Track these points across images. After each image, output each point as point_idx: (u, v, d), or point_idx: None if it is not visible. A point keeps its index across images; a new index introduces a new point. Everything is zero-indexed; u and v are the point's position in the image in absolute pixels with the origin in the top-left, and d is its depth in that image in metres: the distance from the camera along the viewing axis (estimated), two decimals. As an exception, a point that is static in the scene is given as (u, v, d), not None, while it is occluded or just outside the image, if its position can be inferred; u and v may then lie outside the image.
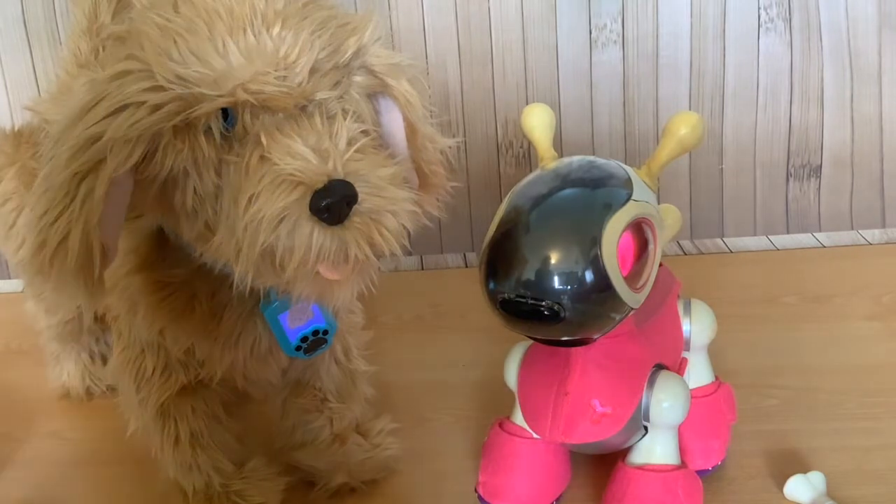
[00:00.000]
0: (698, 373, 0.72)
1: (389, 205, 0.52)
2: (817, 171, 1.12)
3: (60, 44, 1.05)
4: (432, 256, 1.12)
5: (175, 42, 0.50)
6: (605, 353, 0.63)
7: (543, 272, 0.55)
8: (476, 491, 0.69)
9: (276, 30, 0.51)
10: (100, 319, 0.81)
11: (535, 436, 0.66)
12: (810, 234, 1.11)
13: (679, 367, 0.69)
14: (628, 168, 0.61)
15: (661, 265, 0.68)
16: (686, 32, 1.08)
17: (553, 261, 0.56)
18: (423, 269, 1.09)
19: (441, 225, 1.12)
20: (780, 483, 0.68)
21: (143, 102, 0.50)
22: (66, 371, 0.86)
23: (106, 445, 0.78)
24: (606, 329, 0.59)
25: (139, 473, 0.72)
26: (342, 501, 0.72)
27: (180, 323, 0.61)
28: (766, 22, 1.08)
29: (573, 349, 0.63)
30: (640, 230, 0.59)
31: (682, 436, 0.68)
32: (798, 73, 1.09)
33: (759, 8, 1.07)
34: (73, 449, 0.80)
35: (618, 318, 0.58)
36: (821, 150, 1.11)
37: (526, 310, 0.56)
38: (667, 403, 0.63)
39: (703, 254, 1.09)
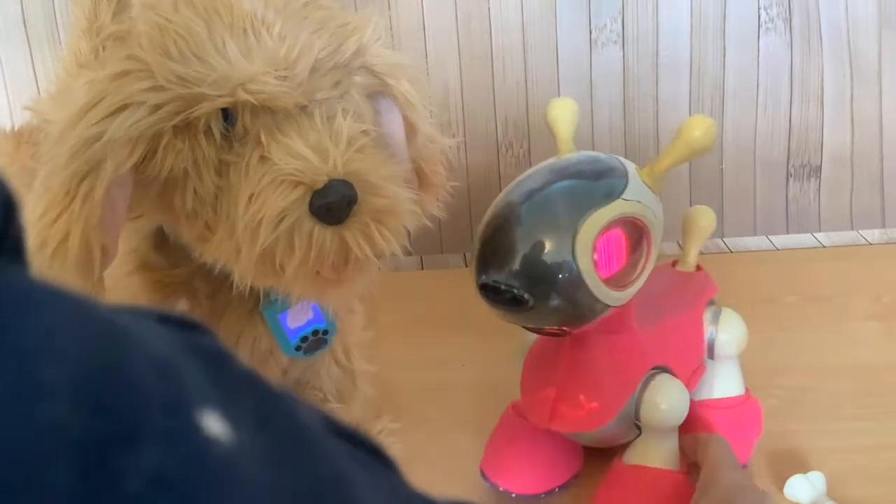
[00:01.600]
0: (725, 383, 0.70)
1: (390, 205, 0.52)
2: (817, 171, 1.12)
3: (60, 44, 1.05)
4: (432, 256, 1.12)
5: (175, 42, 0.50)
6: (599, 348, 0.63)
7: (516, 261, 0.56)
8: (480, 469, 0.69)
9: (276, 30, 0.51)
10: (100, 319, 0.81)
11: None
12: (810, 234, 1.11)
13: (692, 374, 0.68)
14: (631, 167, 0.61)
15: (699, 269, 0.68)
16: (686, 32, 1.08)
17: (526, 251, 0.56)
18: (423, 269, 1.09)
19: (441, 225, 1.12)
20: (780, 483, 0.68)
21: (143, 102, 0.50)
22: (66, 371, 0.86)
23: (106, 445, 0.78)
24: (583, 322, 0.59)
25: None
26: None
27: (180, 323, 0.61)
28: (766, 22, 1.08)
29: (566, 341, 0.63)
30: (634, 229, 0.59)
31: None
32: (798, 73, 1.09)
33: (759, 8, 1.07)
34: (73, 449, 0.80)
35: (593, 313, 0.58)
36: (821, 150, 1.11)
37: (500, 296, 0.57)
38: (660, 406, 0.63)
39: (703, 254, 1.08)
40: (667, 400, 0.63)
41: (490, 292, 0.57)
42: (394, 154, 0.58)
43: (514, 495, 0.68)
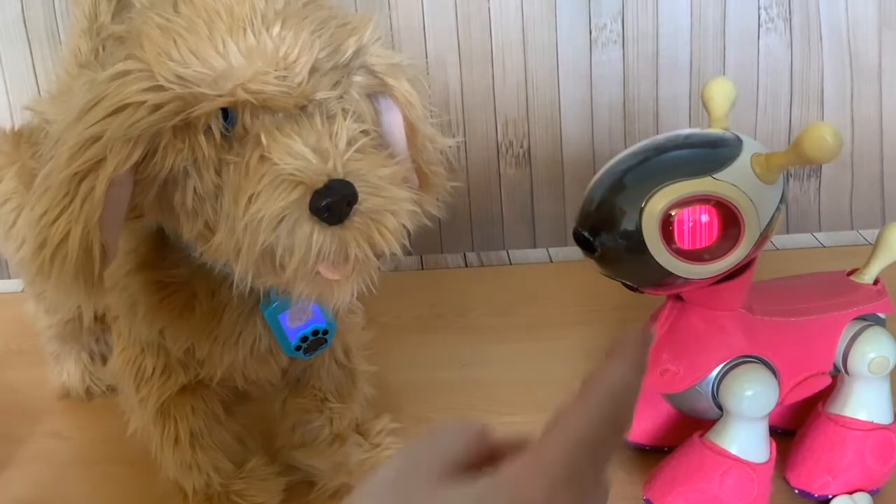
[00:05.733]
0: (857, 404, 0.67)
1: (389, 205, 0.52)
2: (817, 171, 1.12)
3: (60, 44, 1.05)
4: (432, 256, 1.12)
5: (175, 42, 0.50)
6: (694, 318, 0.65)
7: (593, 209, 0.60)
8: None
9: (276, 29, 0.51)
10: (100, 319, 0.81)
11: None
12: (810, 234, 1.11)
13: (807, 379, 0.67)
14: (747, 152, 0.60)
15: (877, 282, 0.68)
16: (686, 32, 1.08)
17: (600, 202, 0.60)
18: (423, 269, 1.09)
19: (441, 225, 1.12)
20: None
21: (143, 102, 0.50)
22: (66, 371, 0.86)
23: (106, 445, 0.78)
24: (651, 284, 0.61)
25: (139, 473, 0.72)
26: (342, 501, 0.72)
27: (180, 323, 0.61)
28: (766, 22, 1.08)
29: (674, 303, 0.66)
30: (726, 210, 0.59)
31: (804, 449, 0.68)
32: (798, 73, 1.09)
33: (759, 8, 1.07)
34: (73, 449, 0.80)
35: (660, 278, 0.59)
36: (821, 150, 1.11)
37: (578, 238, 0.62)
38: (729, 391, 0.64)
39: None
40: (733, 388, 0.63)
41: (575, 234, 0.62)
42: (394, 154, 0.58)
43: None
